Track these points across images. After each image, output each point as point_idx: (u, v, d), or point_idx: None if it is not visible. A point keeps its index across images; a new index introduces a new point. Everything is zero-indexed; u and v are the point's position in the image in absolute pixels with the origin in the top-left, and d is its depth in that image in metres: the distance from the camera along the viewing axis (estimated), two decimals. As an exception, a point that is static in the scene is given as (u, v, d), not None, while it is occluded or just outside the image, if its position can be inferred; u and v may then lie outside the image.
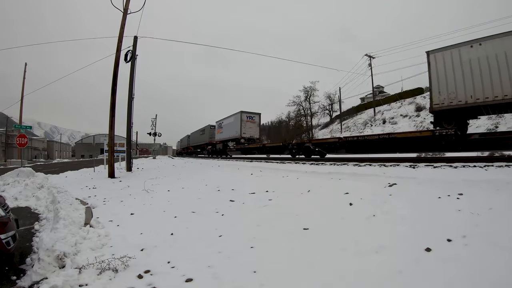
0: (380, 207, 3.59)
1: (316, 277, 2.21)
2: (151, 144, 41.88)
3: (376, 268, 2.23)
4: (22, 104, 27.88)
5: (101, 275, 2.43)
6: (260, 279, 2.24)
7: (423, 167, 6.68)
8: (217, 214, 4.33)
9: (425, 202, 3.54)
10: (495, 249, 2.23)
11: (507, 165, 5.74)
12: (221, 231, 3.45)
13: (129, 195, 6.52)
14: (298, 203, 4.45)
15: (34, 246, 3.30)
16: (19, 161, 20.82)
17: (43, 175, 9.18)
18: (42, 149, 62.40)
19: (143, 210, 4.94)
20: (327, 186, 5.28)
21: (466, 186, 3.97)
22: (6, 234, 2.57)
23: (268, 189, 5.70)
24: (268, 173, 8.37)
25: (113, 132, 11.32)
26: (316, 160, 11.44)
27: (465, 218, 2.88)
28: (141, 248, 3.06)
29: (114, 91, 11.21)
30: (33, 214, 5.17)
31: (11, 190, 6.96)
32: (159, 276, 2.41)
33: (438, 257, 2.25)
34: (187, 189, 7.09)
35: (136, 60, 12.98)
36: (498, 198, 3.29)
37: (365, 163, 8.54)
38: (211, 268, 2.49)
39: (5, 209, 3.02)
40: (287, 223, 3.51)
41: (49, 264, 2.54)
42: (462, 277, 1.96)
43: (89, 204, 5.29)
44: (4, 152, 39.50)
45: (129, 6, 11.50)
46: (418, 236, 2.64)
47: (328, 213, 3.70)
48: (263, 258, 2.60)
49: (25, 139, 13.38)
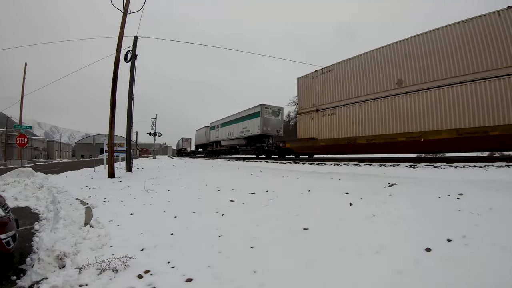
0: (380, 207, 3.60)
1: (316, 277, 2.21)
2: (151, 144, 41.86)
3: (376, 268, 2.23)
4: (22, 104, 27.88)
5: (101, 275, 2.43)
6: (260, 279, 2.24)
7: (423, 167, 6.68)
8: (217, 214, 4.34)
9: (425, 202, 3.54)
10: (495, 249, 2.23)
11: (507, 165, 5.74)
12: (221, 231, 3.45)
13: (129, 195, 6.52)
14: (298, 203, 4.45)
15: (34, 246, 3.30)
16: (19, 161, 20.81)
17: (43, 175, 9.19)
18: (42, 149, 62.39)
19: (143, 210, 4.94)
20: (327, 186, 5.28)
21: (466, 186, 3.97)
22: (6, 234, 2.57)
23: (268, 189, 5.70)
24: (268, 173, 8.37)
25: (113, 132, 11.31)
26: (316, 160, 11.42)
27: (465, 218, 2.88)
28: (141, 248, 3.06)
29: (114, 91, 11.20)
30: (33, 214, 5.17)
31: (11, 190, 6.97)
32: (159, 276, 2.40)
33: (438, 257, 2.25)
34: (187, 189, 7.10)
35: (136, 60, 12.99)
36: (498, 198, 3.29)
37: (365, 163, 8.54)
38: (211, 268, 2.49)
39: (5, 209, 3.02)
40: (287, 223, 3.51)
41: (49, 264, 2.54)
42: (462, 277, 1.96)
43: (89, 204, 5.29)
44: (4, 152, 39.48)
45: (129, 6, 11.51)
46: (418, 236, 2.64)
47: (328, 213, 3.70)
48: (263, 258, 2.60)
49: (25, 139, 13.37)
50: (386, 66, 10.61)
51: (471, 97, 8.52)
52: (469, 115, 8.55)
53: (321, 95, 13.35)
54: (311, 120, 13.73)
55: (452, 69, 8.95)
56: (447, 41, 9.10)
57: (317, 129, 13.36)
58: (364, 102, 11.28)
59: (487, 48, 8.34)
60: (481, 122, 8.25)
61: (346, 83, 12.18)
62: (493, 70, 8.26)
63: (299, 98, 15.07)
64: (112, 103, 11.10)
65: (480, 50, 8.46)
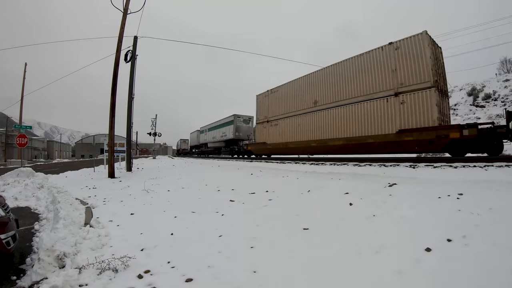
0: (380, 207, 3.60)
1: (316, 277, 2.21)
2: (151, 144, 41.87)
3: (376, 268, 2.23)
4: (22, 104, 27.88)
5: (101, 275, 2.43)
6: (260, 279, 2.24)
7: (423, 167, 6.68)
8: (217, 214, 4.34)
9: (425, 202, 3.54)
10: (495, 249, 2.23)
11: (507, 165, 5.74)
12: (221, 231, 3.45)
13: (129, 195, 6.52)
14: (298, 203, 4.45)
15: (34, 246, 3.30)
16: (19, 161, 20.82)
17: (43, 175, 9.19)
18: (42, 149, 62.36)
19: (143, 210, 4.94)
20: (327, 186, 5.28)
21: (466, 186, 3.96)
22: (6, 234, 2.57)
23: (268, 189, 5.70)
24: (268, 173, 8.37)
25: (113, 132, 11.32)
26: (316, 160, 11.46)
27: (465, 218, 2.88)
28: (141, 248, 3.06)
29: (114, 91, 11.20)
30: (33, 214, 5.17)
31: (11, 190, 6.97)
32: (159, 276, 2.40)
33: (438, 257, 2.25)
34: (187, 189, 7.10)
35: (136, 60, 12.99)
36: (498, 198, 3.29)
37: (365, 163, 8.54)
38: (211, 268, 2.49)
39: (5, 209, 3.02)
40: (287, 223, 3.51)
41: (49, 264, 2.54)
42: (462, 277, 1.96)
43: (89, 204, 5.29)
44: (4, 152, 39.46)
45: (129, 6, 11.51)
46: (418, 236, 2.64)
47: (328, 213, 3.70)
48: (263, 258, 2.60)
49: (25, 139, 13.37)
50: (308, 90, 14.12)
51: (357, 114, 11.25)
52: (355, 128, 11.25)
53: (270, 110, 17.32)
54: (264, 128, 17.92)
55: (347, 93, 11.82)
56: (344, 71, 12.00)
57: (266, 135, 17.49)
58: (294, 116, 14.97)
59: (370, 76, 10.83)
60: (363, 133, 10.91)
61: (284, 101, 16.02)
62: (373, 93, 10.71)
63: (256, 111, 19.03)
64: (112, 103, 11.10)
65: (366, 78, 11.01)
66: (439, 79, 9.40)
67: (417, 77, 9.37)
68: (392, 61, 10.11)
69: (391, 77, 10.12)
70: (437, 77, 9.25)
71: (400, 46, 9.90)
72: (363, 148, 10.85)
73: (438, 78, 9.32)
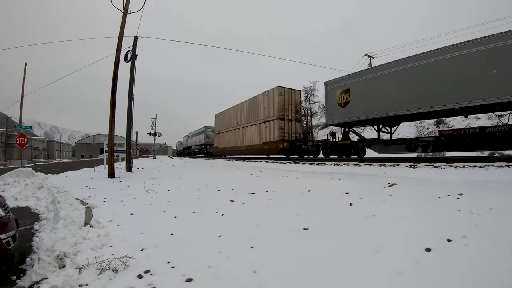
0: (380, 207, 3.60)
1: (316, 277, 2.21)
2: (151, 144, 41.90)
3: (376, 268, 2.23)
4: (22, 104, 27.88)
5: (101, 275, 2.43)
6: (260, 279, 2.24)
7: (423, 167, 6.68)
8: (217, 214, 4.34)
9: (425, 202, 3.55)
10: (495, 249, 2.23)
11: (507, 165, 5.75)
12: (221, 231, 3.45)
13: (129, 195, 6.52)
14: (298, 203, 4.45)
15: (34, 246, 3.30)
16: (19, 161, 20.81)
17: (43, 175, 9.18)
18: (42, 149, 62.37)
19: (143, 210, 4.94)
20: (327, 186, 5.29)
21: (466, 186, 3.97)
22: (6, 234, 2.57)
23: (268, 189, 5.70)
24: (268, 173, 8.37)
25: (113, 132, 11.31)
26: (316, 160, 11.50)
27: (465, 218, 2.88)
28: (141, 248, 3.06)
29: (114, 91, 11.20)
30: (33, 214, 5.17)
31: (11, 190, 6.97)
32: (159, 276, 2.40)
33: (438, 257, 2.25)
34: (187, 189, 7.10)
35: (136, 60, 12.98)
36: (498, 198, 3.29)
37: (365, 163, 8.55)
38: (211, 268, 2.49)
39: (5, 209, 3.02)
40: (287, 223, 3.51)
41: (49, 264, 2.54)
42: (462, 277, 1.96)
43: (89, 204, 5.29)
44: (4, 152, 39.47)
45: (129, 6, 11.51)
46: (418, 236, 2.64)
47: (328, 213, 3.70)
48: (263, 258, 2.60)
49: (25, 139, 13.37)
50: (235, 115, 22.68)
51: (252, 131, 19.44)
52: (250, 139, 19.81)
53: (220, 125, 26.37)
54: (216, 137, 27.37)
55: (249, 118, 20.01)
56: (249, 105, 20.26)
57: (218, 142, 26.74)
58: (229, 131, 23.73)
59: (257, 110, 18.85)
60: (252, 142, 19.42)
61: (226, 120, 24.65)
62: (257, 120, 18.89)
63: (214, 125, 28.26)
64: (112, 103, 11.09)
65: (255, 111, 19.13)
66: (285, 113, 16.68)
67: (272, 112, 17.02)
68: (264, 103, 17.94)
69: (263, 112, 17.97)
70: (283, 112, 16.61)
71: (268, 94, 17.49)
72: (253, 151, 19.34)
73: (284, 112, 16.64)
